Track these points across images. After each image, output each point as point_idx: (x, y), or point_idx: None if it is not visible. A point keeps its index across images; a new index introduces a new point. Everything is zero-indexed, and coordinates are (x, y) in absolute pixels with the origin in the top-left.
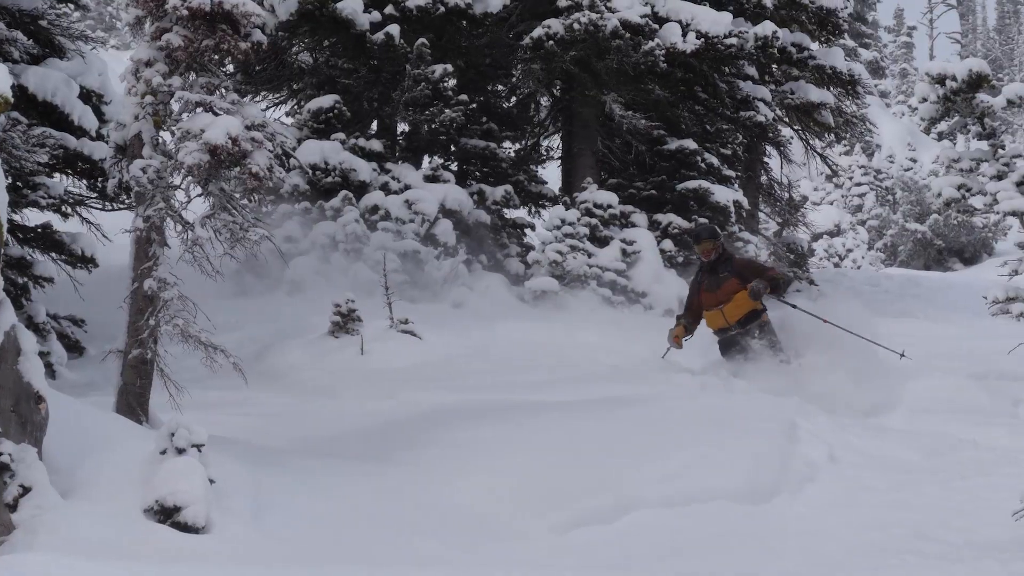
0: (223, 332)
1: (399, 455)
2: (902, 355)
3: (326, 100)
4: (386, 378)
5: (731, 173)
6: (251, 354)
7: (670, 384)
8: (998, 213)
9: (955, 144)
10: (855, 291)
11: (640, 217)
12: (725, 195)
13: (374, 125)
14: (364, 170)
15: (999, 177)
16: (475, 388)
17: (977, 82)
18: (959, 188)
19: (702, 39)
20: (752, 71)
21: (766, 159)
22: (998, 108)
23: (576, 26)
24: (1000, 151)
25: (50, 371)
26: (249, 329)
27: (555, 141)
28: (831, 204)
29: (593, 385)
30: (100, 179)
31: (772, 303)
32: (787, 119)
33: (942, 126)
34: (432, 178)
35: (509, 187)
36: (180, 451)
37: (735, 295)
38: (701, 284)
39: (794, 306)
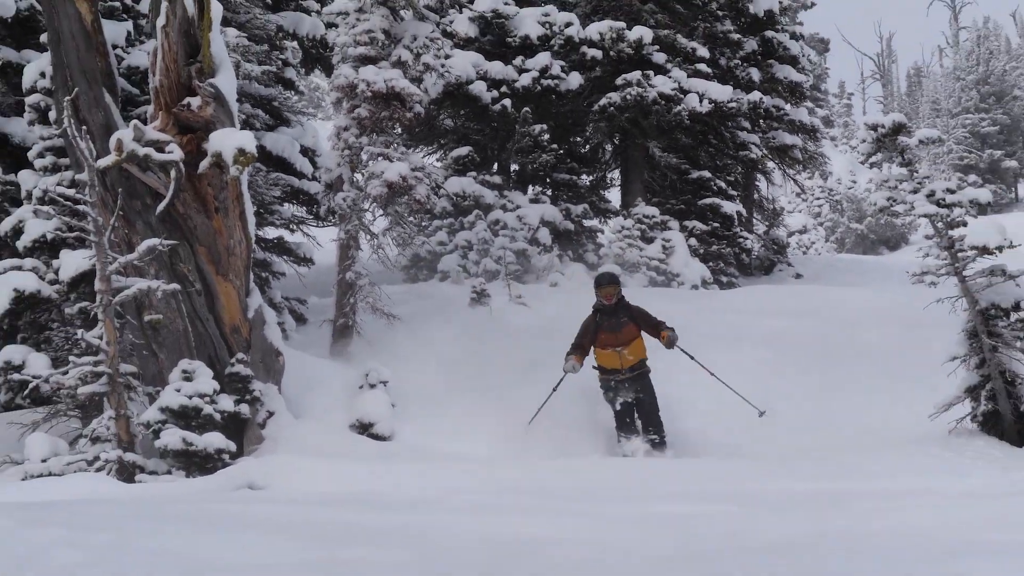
0: (398, 306)
1: (517, 384)
2: (761, 414)
3: (463, 150)
4: (507, 333)
5: (734, 193)
6: (417, 321)
7: None
8: (914, 216)
9: (882, 170)
10: (817, 273)
11: (674, 223)
12: (730, 207)
13: (495, 166)
14: (489, 196)
15: (915, 191)
16: (568, 338)
17: (898, 129)
18: (888, 199)
19: (712, 104)
20: (746, 124)
21: (757, 183)
22: (912, 146)
23: (628, 97)
24: (915, 174)
25: (284, 334)
26: (414, 304)
27: (615, 174)
28: (800, 212)
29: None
30: (315, 206)
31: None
32: (770, 156)
33: (874, 159)
34: (535, 200)
35: (586, 205)
36: (372, 386)
37: (633, 341)
38: (600, 324)
39: (691, 356)
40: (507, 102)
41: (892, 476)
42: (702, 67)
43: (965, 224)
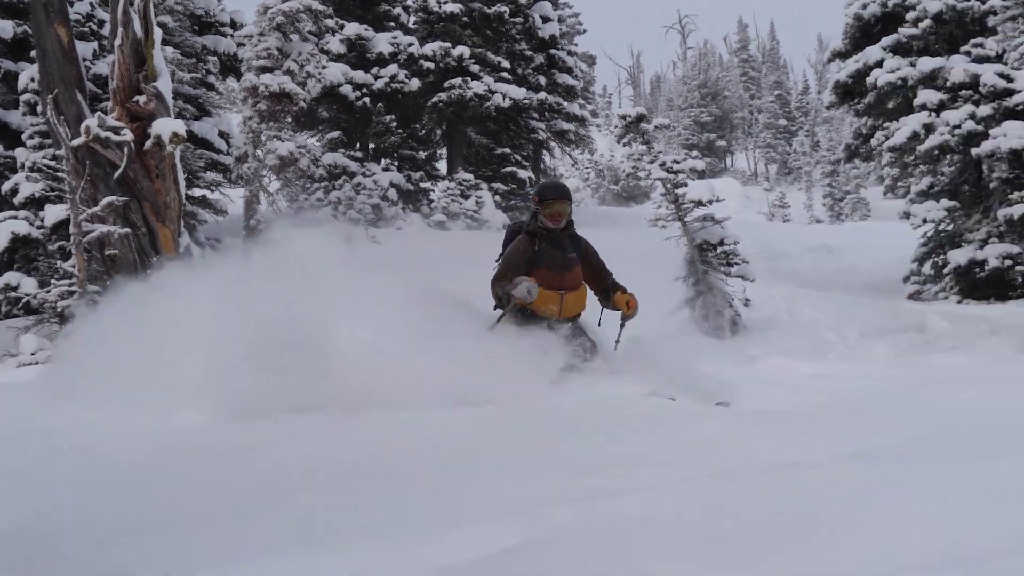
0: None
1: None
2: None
3: (335, 133)
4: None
5: (526, 164)
6: None
7: None
8: (651, 179)
9: (631, 147)
10: (585, 220)
11: (484, 185)
12: (524, 174)
13: (358, 145)
14: (353, 166)
15: (652, 162)
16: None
17: (640, 118)
18: (633, 168)
19: (512, 101)
20: (535, 115)
21: (543, 157)
22: (650, 130)
23: (452, 96)
24: (652, 150)
25: None
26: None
27: (443, 150)
28: (574, 177)
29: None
30: (228, 173)
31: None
32: (553, 138)
33: (624, 139)
34: (386, 169)
35: (422, 172)
36: None
37: (580, 287)
38: (540, 256)
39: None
40: (367, 100)
41: None
42: (505, 75)
43: (686, 185)
